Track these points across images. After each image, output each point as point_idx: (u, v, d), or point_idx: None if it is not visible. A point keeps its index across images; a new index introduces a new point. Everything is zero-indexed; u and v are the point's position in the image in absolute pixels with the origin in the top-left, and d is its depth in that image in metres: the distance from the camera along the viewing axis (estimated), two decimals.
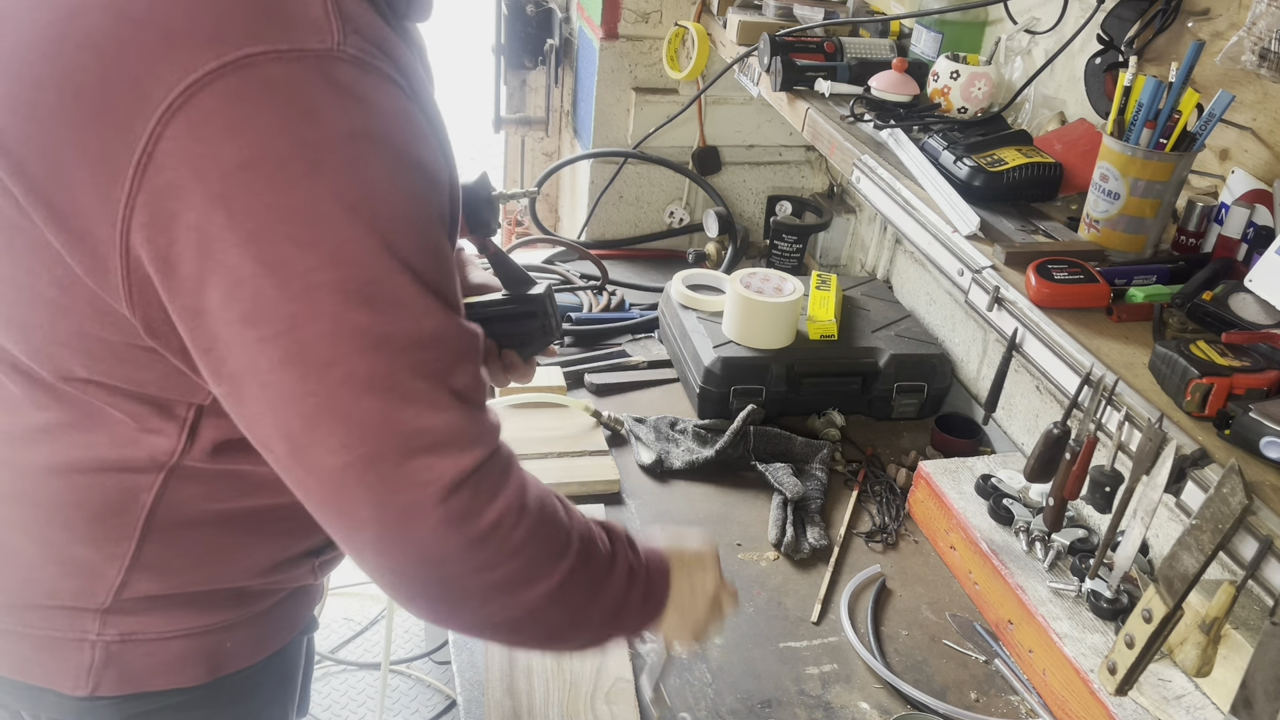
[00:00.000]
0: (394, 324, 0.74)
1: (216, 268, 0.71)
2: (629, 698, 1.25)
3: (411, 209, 0.75)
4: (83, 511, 0.88)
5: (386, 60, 0.75)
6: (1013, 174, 1.30)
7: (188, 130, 0.69)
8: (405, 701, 2.49)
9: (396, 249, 0.74)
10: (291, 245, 0.70)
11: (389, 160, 0.74)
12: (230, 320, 0.72)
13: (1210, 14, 1.24)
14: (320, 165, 0.70)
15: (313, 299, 0.71)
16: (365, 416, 0.74)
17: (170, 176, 0.70)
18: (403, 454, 0.75)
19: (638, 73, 2.30)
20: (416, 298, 0.75)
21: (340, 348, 0.72)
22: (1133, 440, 0.98)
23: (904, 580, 1.52)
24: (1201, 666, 0.96)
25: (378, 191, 0.73)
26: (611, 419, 1.76)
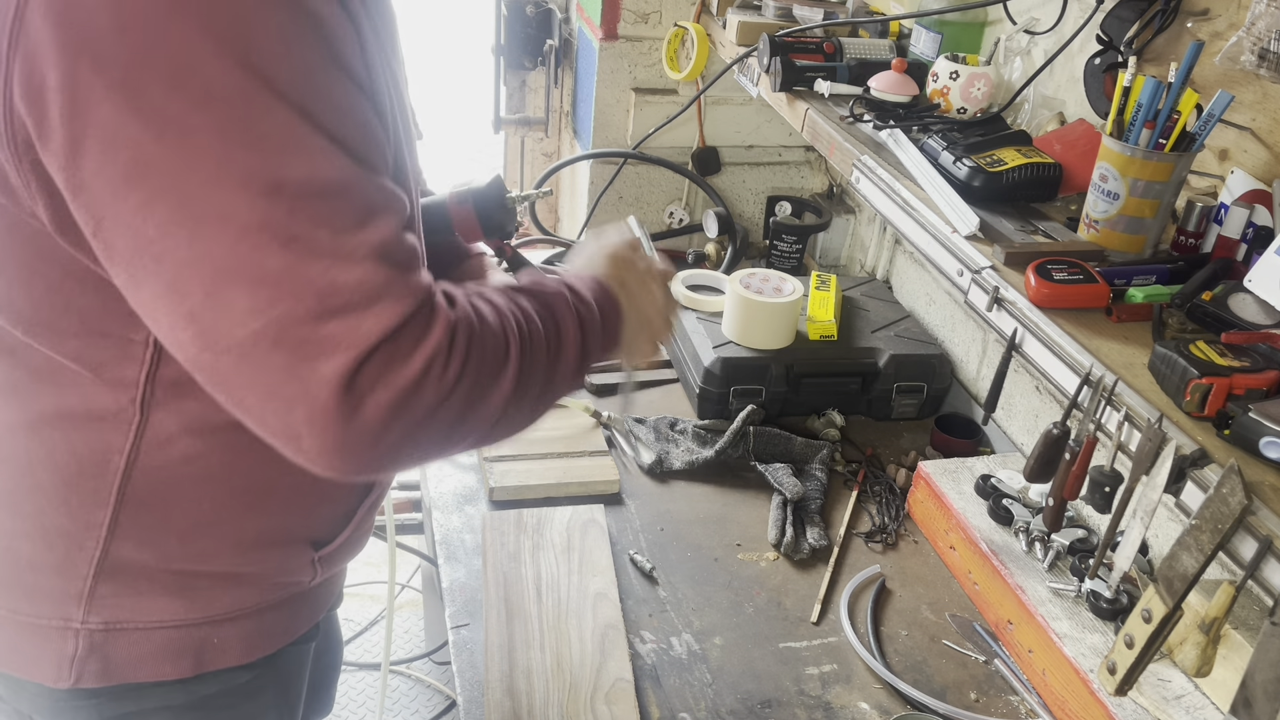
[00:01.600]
0: (285, 167, 0.67)
1: (89, 126, 0.65)
2: (629, 698, 1.25)
3: (297, 49, 0.69)
4: (55, 473, 0.87)
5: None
6: (1012, 174, 1.30)
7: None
8: (405, 702, 2.49)
9: (279, 86, 0.67)
10: (162, 87, 0.65)
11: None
12: (111, 185, 0.67)
13: (1209, 14, 1.24)
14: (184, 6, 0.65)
15: (192, 143, 0.65)
16: (269, 273, 0.67)
17: (36, 35, 0.65)
18: (318, 315, 0.68)
19: (637, 73, 2.30)
20: (308, 138, 0.69)
21: (230, 197, 0.66)
22: (1132, 440, 0.98)
23: (904, 580, 1.52)
24: (1201, 666, 0.96)
25: (252, 26, 0.66)
26: (611, 419, 1.76)
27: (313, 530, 1.01)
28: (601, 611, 1.38)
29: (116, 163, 0.66)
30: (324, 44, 0.70)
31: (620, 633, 1.34)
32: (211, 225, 0.66)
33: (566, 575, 1.43)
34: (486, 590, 1.39)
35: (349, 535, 1.05)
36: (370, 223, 0.72)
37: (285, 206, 0.67)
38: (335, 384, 0.69)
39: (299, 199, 0.68)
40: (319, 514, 1.01)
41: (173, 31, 0.65)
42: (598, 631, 1.34)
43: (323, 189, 0.69)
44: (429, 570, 2.41)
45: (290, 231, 0.67)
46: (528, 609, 1.37)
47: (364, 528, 1.08)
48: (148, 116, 0.65)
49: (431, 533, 1.59)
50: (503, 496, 1.57)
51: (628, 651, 1.32)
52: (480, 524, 1.52)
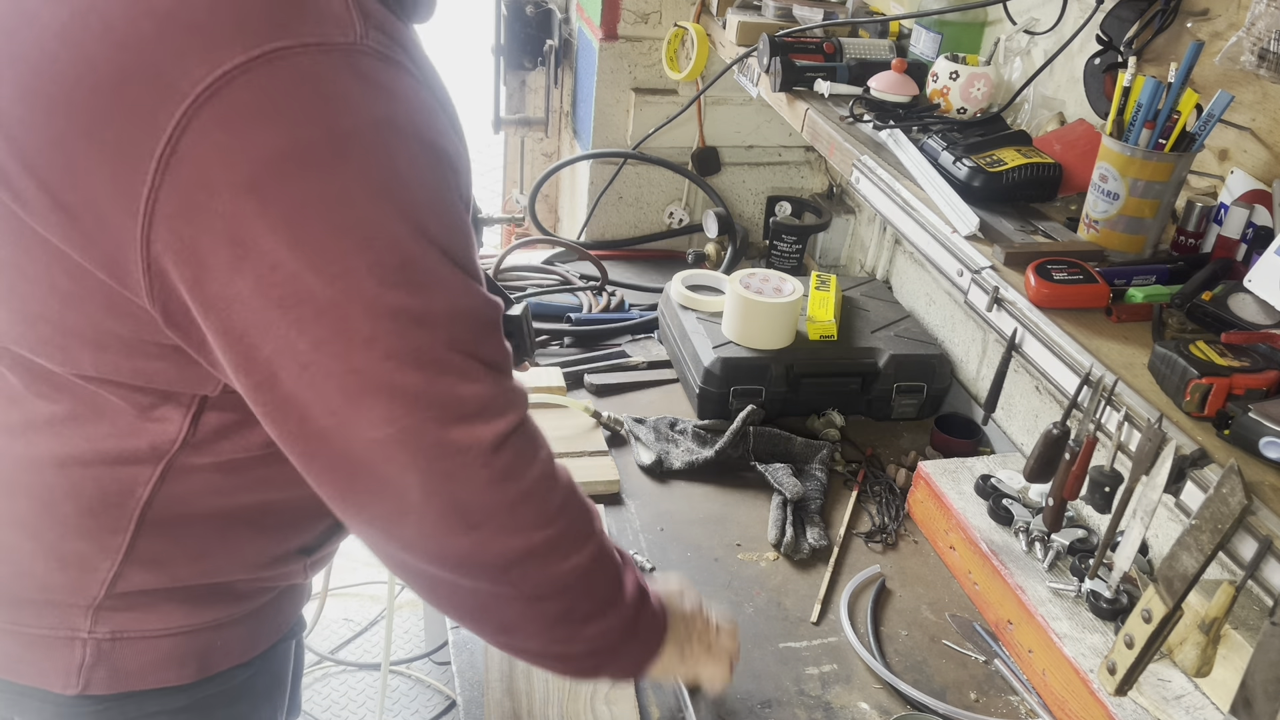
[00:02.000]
0: (430, 301, 0.77)
1: (249, 254, 0.72)
2: (629, 699, 1.25)
3: (437, 191, 0.78)
4: (77, 504, 0.88)
5: (403, 52, 0.77)
6: (1012, 174, 1.30)
7: (216, 122, 0.70)
8: (405, 702, 2.49)
9: (426, 230, 0.76)
10: (325, 230, 0.72)
11: (413, 146, 0.76)
12: (265, 305, 0.73)
13: (1209, 14, 1.24)
14: (350, 153, 0.72)
15: (351, 281, 0.73)
16: (407, 389, 0.76)
17: (198, 167, 0.70)
18: (444, 422, 0.78)
19: (637, 73, 2.30)
20: (449, 275, 0.78)
21: (380, 325, 0.75)
22: (1132, 440, 0.98)
23: (903, 580, 1.52)
24: (1201, 666, 0.96)
25: (405, 176, 0.75)
26: (611, 419, 1.76)
27: (305, 541, 1.03)
28: None
29: (276, 286, 0.73)
30: (452, 179, 0.80)
31: None
32: (362, 347, 0.75)
33: None
34: None
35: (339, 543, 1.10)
36: (487, 339, 0.83)
37: (429, 334, 0.77)
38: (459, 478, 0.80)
39: (439, 327, 0.78)
40: (315, 526, 1.03)
41: (339, 179, 0.72)
42: None
43: (455, 316, 0.79)
44: None
45: (430, 355, 0.77)
46: None
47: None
48: (310, 254, 0.72)
49: None
50: None
51: None
52: None
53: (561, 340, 2.00)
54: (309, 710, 2.43)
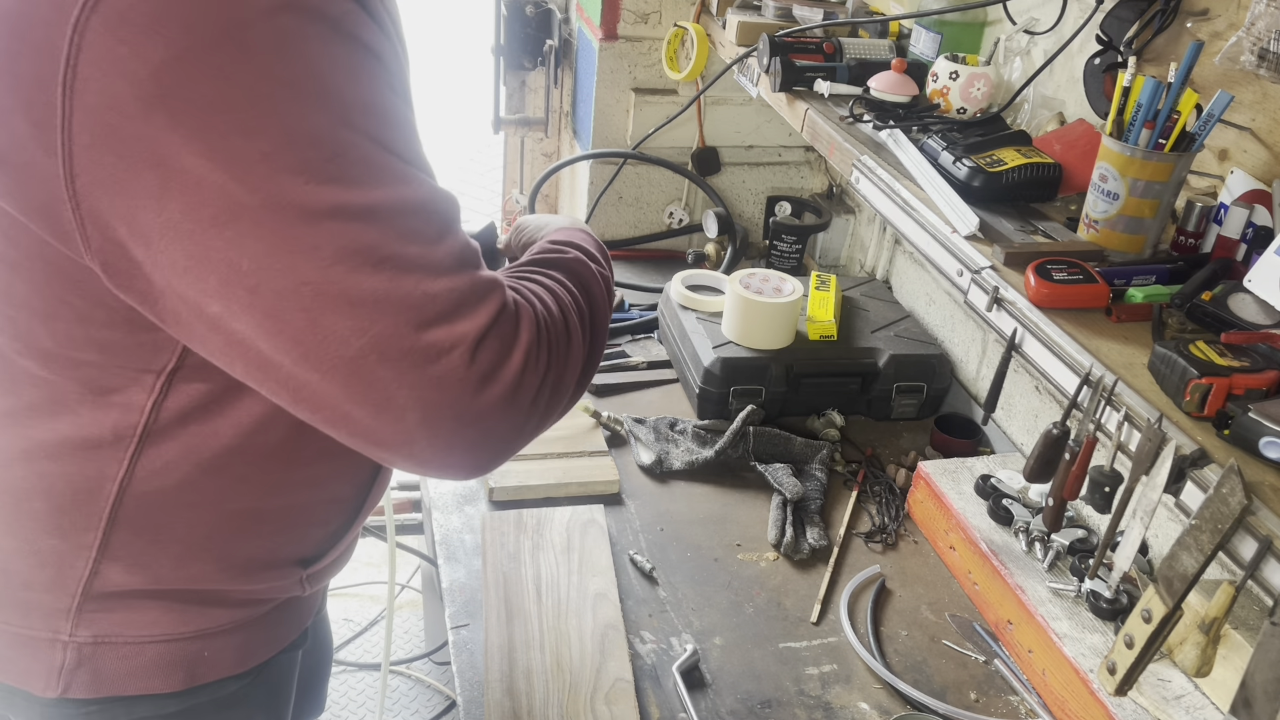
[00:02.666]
0: (370, 194, 0.71)
1: (173, 174, 0.67)
2: (629, 698, 1.25)
3: (358, 80, 0.71)
4: (48, 500, 0.87)
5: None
6: (1012, 174, 1.30)
7: (107, 32, 0.65)
8: (405, 702, 2.49)
9: (350, 119, 0.70)
10: (240, 135, 0.66)
11: (323, 31, 0.69)
12: (201, 227, 0.68)
13: (1209, 14, 1.24)
14: (252, 43, 0.66)
15: (277, 185, 0.67)
16: (368, 293, 0.70)
17: (100, 87, 0.66)
18: (417, 325, 0.71)
19: (637, 73, 2.30)
20: (387, 163, 0.72)
21: (321, 228, 0.69)
22: (1132, 440, 0.98)
23: (903, 580, 1.52)
24: (1201, 666, 0.96)
25: (318, 65, 0.69)
26: (611, 419, 1.76)
27: (302, 550, 1.01)
28: (601, 612, 1.38)
29: (206, 204, 0.68)
30: (385, 75, 0.73)
31: (620, 633, 1.35)
32: (306, 255, 0.69)
33: (566, 575, 1.43)
34: (486, 590, 1.39)
35: (339, 554, 1.07)
36: (448, 232, 0.76)
37: (377, 230, 0.70)
38: (446, 386, 0.73)
39: (387, 221, 0.71)
40: (309, 535, 1.01)
41: (245, 76, 0.66)
42: (598, 632, 1.34)
43: (405, 207, 0.72)
44: (429, 570, 2.41)
45: (384, 252, 0.71)
46: (528, 609, 1.37)
47: (353, 544, 1.09)
48: (231, 163, 0.67)
49: (431, 533, 1.59)
50: (502, 497, 1.57)
51: (628, 652, 1.32)
52: (480, 524, 1.52)
53: None
54: None
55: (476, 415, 0.75)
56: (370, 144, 0.71)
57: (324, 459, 0.95)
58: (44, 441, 0.85)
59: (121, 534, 0.89)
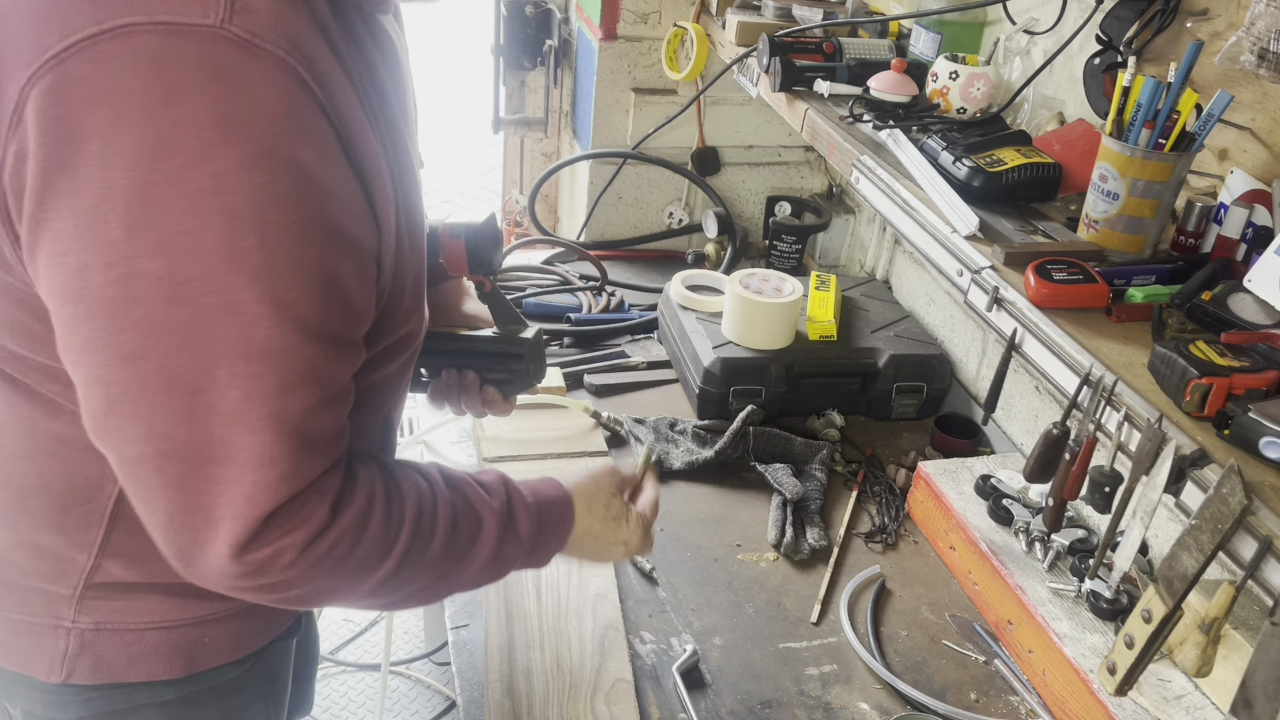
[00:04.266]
0: (216, 326, 0.71)
1: (45, 236, 0.70)
2: (629, 698, 1.25)
3: (268, 210, 0.70)
4: (49, 499, 0.88)
5: (285, 46, 0.71)
6: (1012, 174, 1.30)
7: (52, 92, 0.67)
8: (405, 702, 2.49)
9: (235, 246, 0.70)
10: (123, 227, 0.68)
11: (250, 153, 0.69)
12: (51, 291, 0.72)
13: (1209, 14, 1.24)
14: (169, 148, 0.67)
15: (133, 286, 0.69)
16: (168, 416, 0.72)
17: (29, 138, 0.69)
18: (202, 460, 0.73)
19: (637, 73, 2.30)
20: (250, 304, 0.71)
21: (152, 341, 0.70)
22: (1132, 440, 0.98)
23: (903, 581, 1.52)
24: (1201, 666, 0.96)
25: (226, 185, 0.69)
26: (611, 420, 1.76)
27: None
28: (601, 612, 1.38)
29: (61, 274, 0.70)
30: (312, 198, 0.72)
31: (620, 633, 1.34)
32: (128, 360, 0.71)
33: (566, 575, 1.43)
34: (486, 591, 1.39)
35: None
36: (292, 394, 0.74)
37: (205, 363, 0.71)
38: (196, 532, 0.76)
39: (222, 359, 0.72)
40: None
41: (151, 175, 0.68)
42: (598, 632, 1.34)
43: (248, 352, 0.72)
44: None
45: (200, 384, 0.72)
46: (528, 609, 1.37)
47: None
48: (102, 248, 0.69)
49: None
50: None
51: (628, 652, 1.32)
52: None
53: (561, 340, 2.00)
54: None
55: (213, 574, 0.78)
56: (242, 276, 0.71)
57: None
58: (44, 440, 0.87)
59: (121, 532, 0.90)
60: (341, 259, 0.76)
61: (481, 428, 1.69)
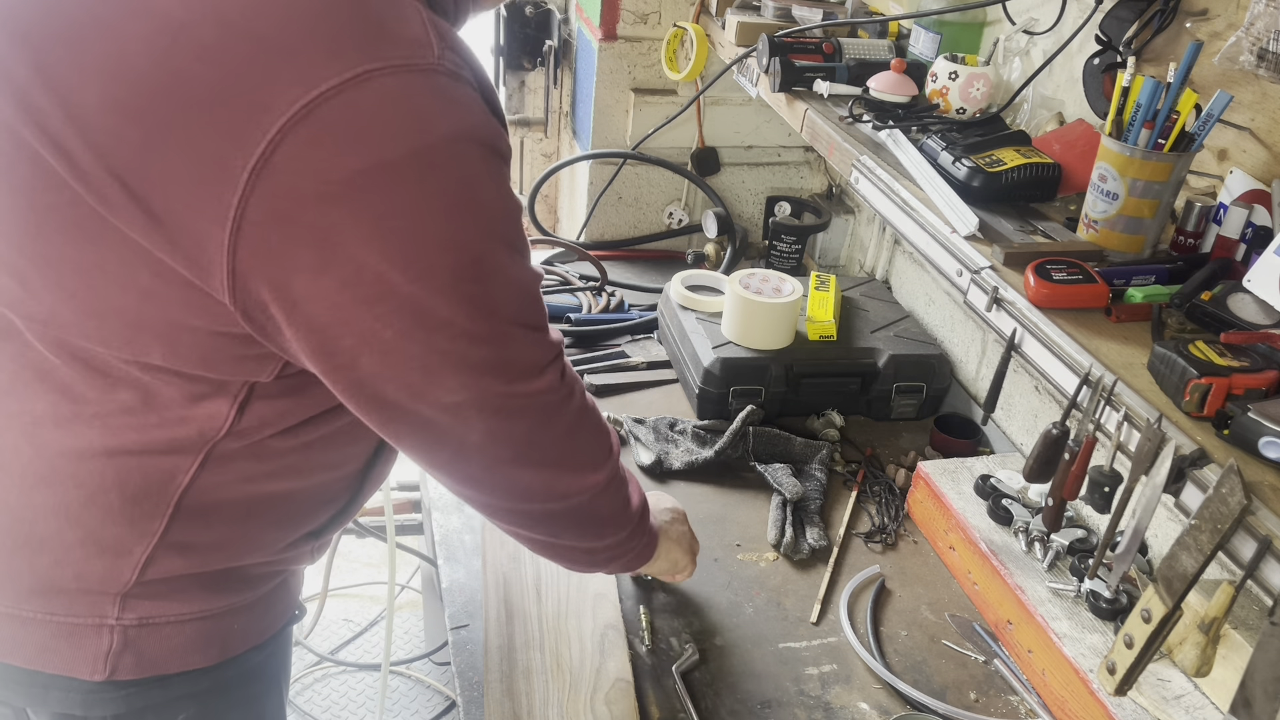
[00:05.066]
0: (499, 289, 0.86)
1: (337, 258, 0.78)
2: (629, 698, 1.25)
3: (501, 191, 0.85)
4: (122, 493, 0.91)
5: (466, 66, 0.84)
6: (1011, 174, 1.30)
7: (309, 140, 0.75)
8: (405, 702, 2.49)
9: (495, 229, 0.85)
10: (408, 237, 0.79)
11: (480, 153, 0.82)
12: (350, 302, 0.80)
13: (1208, 14, 1.25)
14: (430, 167, 0.78)
15: (431, 280, 0.81)
16: (478, 362, 0.87)
17: (289, 180, 0.75)
18: (508, 380, 0.90)
19: (636, 74, 2.30)
20: (510, 263, 0.87)
21: (457, 312, 0.84)
22: (1131, 440, 0.98)
23: (903, 580, 1.52)
24: (1201, 666, 0.96)
25: (476, 184, 0.82)
26: (611, 420, 1.76)
27: (314, 524, 1.08)
28: (601, 612, 1.38)
29: (361, 286, 0.80)
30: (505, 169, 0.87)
31: (620, 633, 1.35)
32: (440, 332, 0.84)
33: (566, 576, 1.43)
34: (486, 591, 1.39)
35: (341, 524, 1.14)
36: (538, 309, 0.93)
37: (498, 317, 0.87)
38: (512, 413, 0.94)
39: (505, 308, 0.88)
40: (322, 511, 1.08)
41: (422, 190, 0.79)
42: (597, 632, 1.34)
43: (518, 297, 0.90)
44: (429, 571, 2.41)
45: (498, 331, 0.88)
46: (527, 609, 1.37)
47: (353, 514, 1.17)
48: (395, 259, 0.79)
49: (431, 533, 1.59)
50: None
51: (627, 652, 1.32)
52: (480, 524, 1.52)
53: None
54: (309, 710, 2.43)
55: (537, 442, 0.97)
56: (504, 248, 0.86)
57: (348, 442, 1.02)
58: (131, 440, 0.89)
59: (181, 522, 0.94)
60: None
61: None
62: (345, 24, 0.77)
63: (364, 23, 0.77)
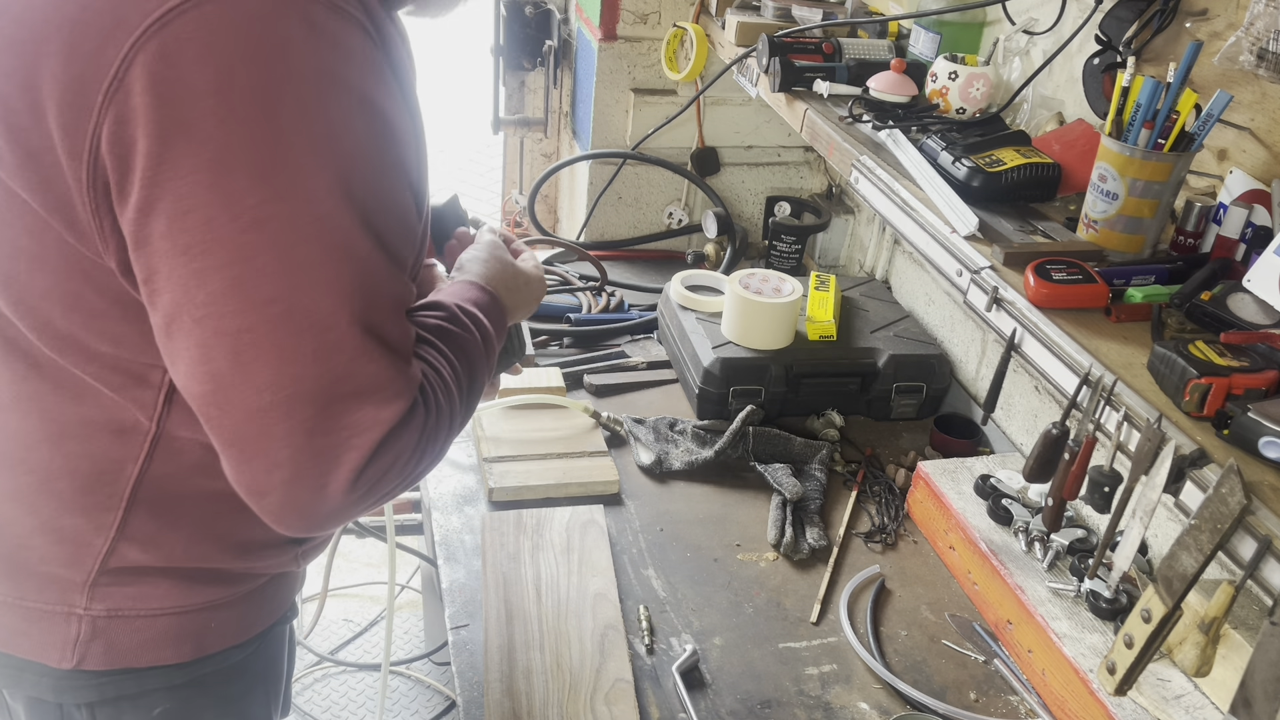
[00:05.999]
0: (340, 264, 0.75)
1: (165, 195, 0.71)
2: (629, 698, 1.25)
3: (369, 152, 0.76)
4: (72, 481, 0.90)
5: (359, 8, 0.76)
6: (1011, 174, 1.30)
7: (159, 56, 0.70)
8: (405, 703, 2.49)
9: (350, 189, 0.74)
10: (248, 176, 0.71)
11: (352, 102, 0.74)
12: (172, 250, 0.73)
13: (1208, 14, 1.25)
14: (286, 99, 0.71)
15: (265, 231, 0.72)
16: (298, 356, 0.74)
17: (135, 101, 0.70)
18: (330, 398, 0.76)
19: (636, 74, 2.30)
20: (362, 240, 0.76)
21: (285, 281, 0.73)
22: (1131, 440, 0.98)
23: (903, 580, 1.52)
24: (1200, 666, 0.96)
25: (337, 131, 0.73)
26: (611, 420, 1.76)
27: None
28: (601, 612, 1.38)
29: (185, 231, 0.72)
30: (390, 144, 0.79)
31: (620, 633, 1.35)
32: (261, 304, 0.73)
33: (566, 576, 1.43)
34: (486, 591, 1.39)
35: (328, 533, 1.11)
36: (392, 318, 0.80)
37: (332, 300, 0.75)
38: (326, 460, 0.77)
39: (346, 295, 0.75)
40: None
41: (272, 125, 0.71)
42: (597, 632, 1.34)
43: (364, 287, 0.76)
44: (429, 571, 2.41)
45: (329, 321, 0.75)
46: (527, 609, 1.37)
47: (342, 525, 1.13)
48: (228, 199, 0.71)
49: (431, 533, 1.59)
50: (502, 497, 1.58)
51: (627, 652, 1.32)
52: (480, 525, 1.52)
53: (561, 341, 2.00)
54: (309, 710, 2.43)
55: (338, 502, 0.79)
56: (356, 218, 0.75)
57: None
58: (70, 424, 0.89)
59: (139, 515, 0.92)
60: (410, 201, 0.83)
61: (481, 428, 1.69)
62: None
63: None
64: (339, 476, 0.77)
